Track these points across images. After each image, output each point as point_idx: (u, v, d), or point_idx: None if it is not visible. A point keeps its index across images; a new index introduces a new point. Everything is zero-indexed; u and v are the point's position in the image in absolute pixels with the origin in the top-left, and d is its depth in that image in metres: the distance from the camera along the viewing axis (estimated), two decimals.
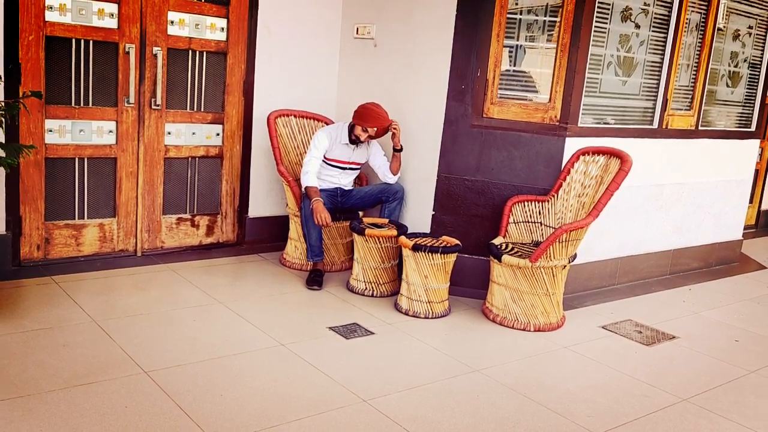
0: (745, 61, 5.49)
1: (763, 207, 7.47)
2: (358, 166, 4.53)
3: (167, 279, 4.15)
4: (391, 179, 4.44)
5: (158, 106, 4.38)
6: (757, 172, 7.19)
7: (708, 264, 5.56)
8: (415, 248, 3.84)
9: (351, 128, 4.34)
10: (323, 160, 4.40)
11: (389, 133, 4.41)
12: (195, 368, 3.00)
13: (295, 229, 4.59)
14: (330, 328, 3.61)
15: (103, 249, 4.39)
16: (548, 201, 4.18)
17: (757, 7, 5.36)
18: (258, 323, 3.58)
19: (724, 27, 5.11)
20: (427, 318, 3.90)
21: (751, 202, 7.20)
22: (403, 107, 4.51)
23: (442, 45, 4.24)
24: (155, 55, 4.31)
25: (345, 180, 4.52)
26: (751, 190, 6.71)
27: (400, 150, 4.38)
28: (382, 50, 4.73)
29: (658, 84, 4.73)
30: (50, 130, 4.08)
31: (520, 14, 4.18)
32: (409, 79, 4.51)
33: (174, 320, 3.52)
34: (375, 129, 4.26)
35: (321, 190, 4.31)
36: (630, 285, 4.87)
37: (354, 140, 4.34)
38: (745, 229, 6.84)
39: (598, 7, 4.16)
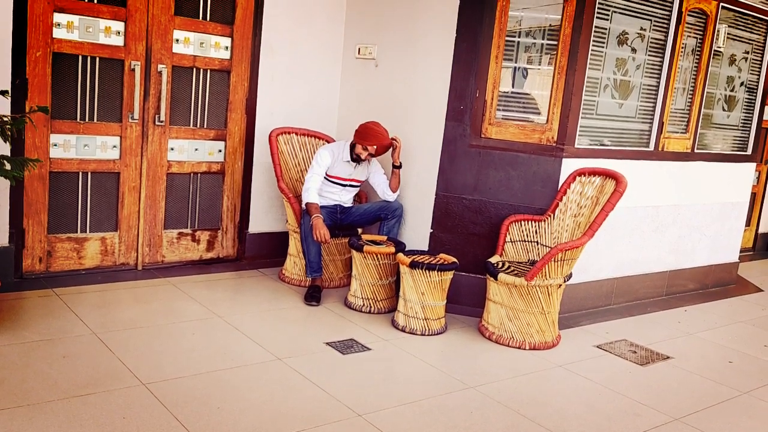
0: (741, 85, 5.57)
1: (761, 230, 7.52)
2: (359, 184, 4.60)
3: (167, 293, 4.19)
4: (390, 197, 4.50)
5: (162, 122, 4.46)
6: (754, 195, 7.25)
7: (704, 286, 5.60)
8: (413, 265, 3.89)
9: (352, 147, 4.41)
10: (324, 177, 4.46)
11: (388, 151, 4.48)
12: (193, 381, 3.04)
13: (294, 245, 4.64)
14: (327, 343, 3.65)
15: (104, 262, 4.45)
16: (545, 220, 4.23)
17: (754, 33, 5.45)
18: (256, 338, 3.62)
19: (722, 51, 5.20)
20: (424, 335, 3.94)
21: (748, 225, 7.25)
22: (403, 126, 4.58)
23: (442, 65, 4.32)
24: (160, 73, 4.40)
25: (345, 197, 4.58)
26: (748, 213, 6.77)
27: (400, 167, 4.45)
28: (383, 70, 4.81)
29: (654, 107, 4.80)
30: (55, 145, 4.15)
31: (519, 37, 4.27)
32: (408, 99, 4.59)
33: (173, 333, 3.56)
34: (375, 147, 4.33)
35: (321, 207, 4.36)
36: (626, 305, 4.91)
37: (355, 159, 4.41)
38: (742, 251, 6.89)
39: (595, 31, 4.25)
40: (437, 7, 4.38)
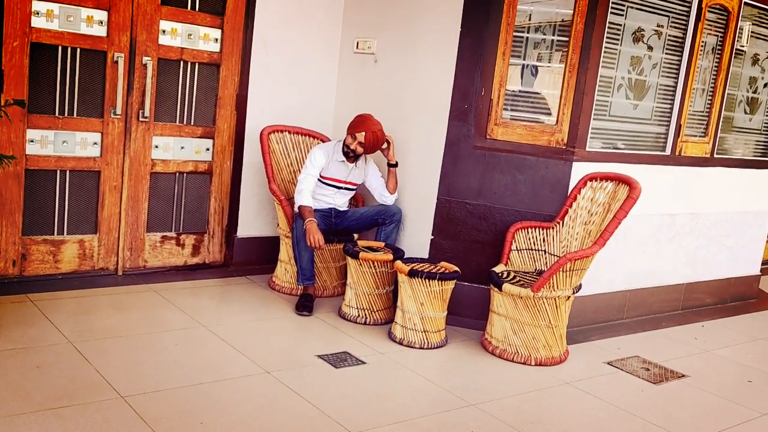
0: (765, 86, 5.59)
1: None
2: (355, 187, 4.61)
3: (149, 300, 4.20)
4: (388, 199, 4.51)
5: (146, 118, 4.47)
6: None
7: (723, 300, 5.61)
8: (412, 274, 3.90)
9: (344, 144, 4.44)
10: (318, 179, 4.48)
11: (382, 153, 4.49)
12: (175, 394, 3.04)
13: (285, 251, 4.65)
14: (319, 356, 3.66)
15: (82, 267, 4.45)
16: (553, 228, 4.25)
17: None
18: (243, 349, 3.62)
19: (744, 50, 5.22)
20: (423, 348, 3.94)
21: None
22: (404, 126, 4.60)
23: (445, 62, 4.35)
24: (145, 65, 4.41)
25: (340, 200, 4.59)
26: None
27: (395, 165, 4.46)
28: (383, 66, 4.84)
29: (672, 109, 4.82)
30: (32, 141, 4.17)
31: (528, 32, 4.29)
32: (409, 97, 4.61)
33: (154, 344, 3.57)
34: (363, 134, 4.32)
35: (314, 210, 4.37)
36: (639, 320, 4.92)
37: (346, 152, 4.41)
38: (764, 264, 6.89)
39: (609, 27, 4.27)
40: (441, 1, 4.40)
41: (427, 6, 4.50)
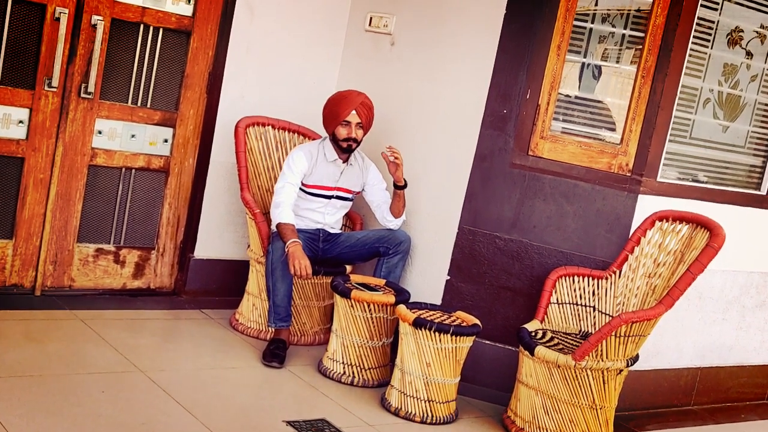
0: None
1: None
2: (349, 195, 4.60)
3: (73, 331, 4.20)
4: (391, 223, 4.52)
5: (90, 94, 4.50)
6: None
7: None
8: (418, 324, 3.89)
9: (333, 141, 4.46)
10: (300, 188, 4.47)
11: (388, 168, 4.49)
12: None
13: (255, 280, 4.65)
14: (288, 422, 3.65)
15: None
16: (607, 278, 4.25)
17: None
18: (190, 405, 3.61)
19: None
20: (425, 423, 3.93)
21: None
22: (422, 131, 4.62)
23: (482, 53, 4.37)
24: (94, 26, 4.44)
25: (331, 217, 4.59)
26: None
27: (404, 186, 4.47)
28: (401, 51, 4.86)
29: None
30: None
31: (592, 22, 4.32)
32: (432, 93, 4.63)
33: (75, 389, 3.55)
34: (354, 112, 4.35)
35: (297, 231, 4.36)
36: (711, 408, 4.90)
37: (348, 146, 4.42)
38: None
39: (698, 24, 4.30)
40: None
41: None
